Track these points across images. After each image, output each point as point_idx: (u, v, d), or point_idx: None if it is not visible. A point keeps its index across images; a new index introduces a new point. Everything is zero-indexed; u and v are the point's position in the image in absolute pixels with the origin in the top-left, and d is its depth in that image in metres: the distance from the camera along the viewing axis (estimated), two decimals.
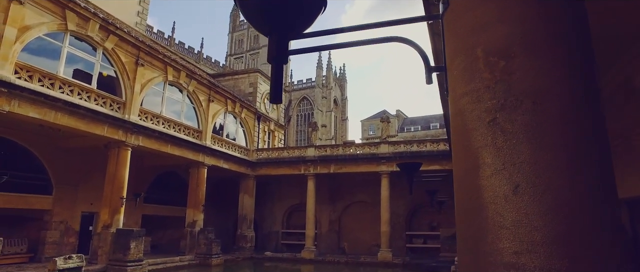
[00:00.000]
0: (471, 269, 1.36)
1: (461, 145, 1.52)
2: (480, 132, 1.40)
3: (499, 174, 1.31)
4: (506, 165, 1.30)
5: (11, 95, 13.41)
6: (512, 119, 1.34)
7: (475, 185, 1.37)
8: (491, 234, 1.29)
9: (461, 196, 1.49)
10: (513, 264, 1.22)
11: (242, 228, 26.20)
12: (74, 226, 20.04)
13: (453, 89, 1.65)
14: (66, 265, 14.06)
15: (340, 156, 25.61)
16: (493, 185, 1.32)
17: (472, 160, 1.42)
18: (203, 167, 22.69)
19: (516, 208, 1.26)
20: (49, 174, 19.06)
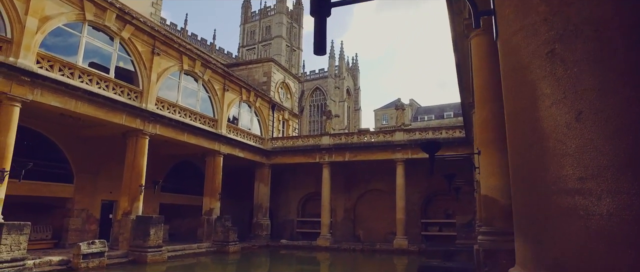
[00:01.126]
0: (529, 202, 1.35)
1: (514, 82, 1.50)
2: (538, 64, 1.38)
3: (560, 103, 1.29)
4: (567, 94, 1.29)
5: (34, 84, 13.68)
6: (573, 48, 1.32)
7: (534, 117, 1.36)
8: (553, 163, 1.27)
9: (516, 132, 1.48)
10: (578, 190, 1.21)
11: (258, 216, 26.44)
12: (95, 214, 20.47)
13: (504, 29, 1.63)
14: (89, 250, 14.41)
15: (355, 144, 25.58)
16: (553, 115, 1.30)
17: (528, 94, 1.40)
18: (219, 156, 22.90)
19: (579, 135, 1.24)
20: (70, 163, 19.46)
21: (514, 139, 1.49)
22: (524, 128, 1.41)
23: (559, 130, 1.28)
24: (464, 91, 14.38)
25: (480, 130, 6.84)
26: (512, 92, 1.52)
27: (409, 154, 23.99)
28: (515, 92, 1.49)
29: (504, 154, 6.70)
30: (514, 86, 1.50)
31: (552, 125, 1.30)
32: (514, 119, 1.49)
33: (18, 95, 13.22)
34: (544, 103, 1.34)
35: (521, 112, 1.43)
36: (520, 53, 1.47)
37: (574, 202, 1.21)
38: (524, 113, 1.41)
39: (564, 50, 1.33)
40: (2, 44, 13.04)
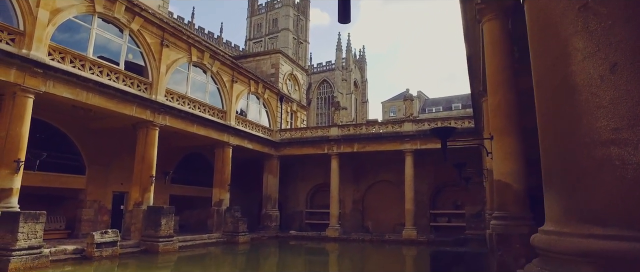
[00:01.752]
0: (561, 156, 1.35)
1: (544, 40, 1.50)
2: (569, 20, 1.38)
3: (593, 56, 1.29)
4: (601, 46, 1.28)
5: (46, 76, 13.82)
6: (606, 1, 1.31)
7: (565, 73, 1.36)
8: (586, 116, 1.28)
9: (546, 90, 1.48)
10: (613, 141, 1.21)
11: (267, 208, 26.60)
12: (107, 205, 20.73)
13: None
14: (103, 239, 14.63)
15: (363, 134, 25.56)
16: (586, 68, 1.30)
17: (559, 50, 1.40)
18: (228, 147, 23.02)
19: (614, 86, 1.24)
20: (82, 154, 19.70)
21: (543, 96, 1.49)
22: (554, 84, 1.41)
23: (593, 83, 1.28)
24: (474, 80, 14.27)
25: (493, 115, 6.81)
26: (540, 50, 1.52)
27: (417, 144, 23.93)
28: (544, 50, 1.49)
29: (517, 139, 6.67)
30: (542, 45, 1.50)
31: (585, 79, 1.30)
32: (543, 77, 1.49)
33: (31, 86, 13.36)
34: (576, 58, 1.34)
35: (551, 69, 1.43)
36: (550, 11, 1.47)
37: (608, 153, 1.21)
38: (555, 70, 1.41)
39: (597, 4, 1.32)
40: (15, 36, 13.17)
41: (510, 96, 6.59)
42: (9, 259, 11.19)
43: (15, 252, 11.35)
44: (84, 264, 13.63)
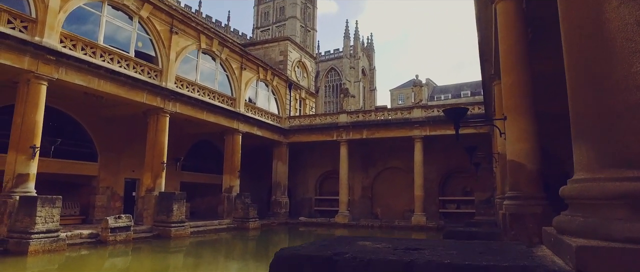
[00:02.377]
0: (592, 103, 1.37)
1: None
2: None
3: (629, 2, 1.30)
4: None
5: (59, 63, 13.95)
6: None
7: (598, 21, 1.36)
8: (621, 61, 1.29)
9: (576, 40, 1.48)
10: None
11: (277, 194, 26.78)
12: (119, 191, 21.04)
13: None
14: (117, 224, 14.88)
15: (372, 121, 25.52)
16: (621, 15, 1.31)
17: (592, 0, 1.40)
18: (237, 134, 23.15)
19: None
20: (94, 142, 19.96)
21: (575, 47, 1.50)
22: (587, 33, 1.41)
23: (628, 28, 1.28)
24: (485, 64, 14.13)
25: (507, 96, 6.76)
26: (570, 2, 1.52)
27: (427, 130, 23.86)
28: (574, 1, 1.49)
29: (531, 119, 6.63)
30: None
31: (619, 26, 1.31)
32: (575, 26, 1.49)
33: (44, 73, 13.51)
34: (610, 5, 1.34)
35: (585, 17, 1.43)
36: None
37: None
38: (588, 18, 1.41)
39: None
40: (27, 23, 13.29)
41: (525, 76, 6.53)
42: (29, 242, 11.46)
43: (34, 235, 11.62)
44: (99, 248, 13.90)
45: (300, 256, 1.46)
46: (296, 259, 1.47)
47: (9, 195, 12.54)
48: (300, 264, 1.43)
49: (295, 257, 1.48)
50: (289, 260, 1.50)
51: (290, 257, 1.50)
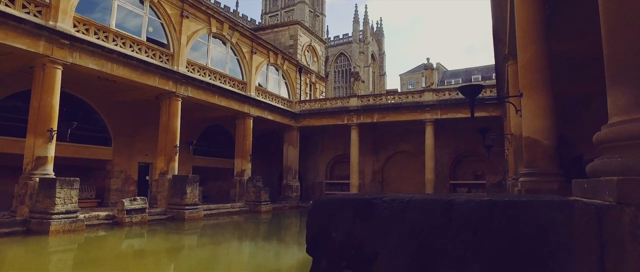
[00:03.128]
0: (630, 47, 1.38)
1: None
2: None
3: None
4: None
5: (73, 47, 14.09)
6: None
7: None
8: None
9: None
10: None
11: (288, 178, 26.97)
12: (133, 175, 21.38)
13: None
14: (132, 206, 15.17)
15: (383, 105, 25.44)
16: None
17: None
18: (249, 118, 23.26)
19: None
20: (108, 127, 20.23)
21: None
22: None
23: None
24: (498, 44, 13.96)
25: (524, 72, 6.70)
26: None
27: (438, 114, 23.74)
28: None
29: (548, 95, 6.57)
30: None
31: None
32: None
33: (59, 58, 13.66)
34: None
35: None
36: None
37: None
38: None
39: None
40: (41, 7, 13.39)
41: (542, 51, 6.46)
42: (50, 222, 11.76)
43: (54, 216, 11.91)
44: (116, 230, 14.21)
45: (339, 200, 1.52)
46: (335, 202, 1.52)
47: (29, 177, 12.84)
48: (340, 206, 1.49)
49: (334, 200, 1.54)
50: (327, 203, 1.56)
51: (329, 201, 1.55)
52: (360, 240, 1.45)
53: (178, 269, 9.40)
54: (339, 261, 1.50)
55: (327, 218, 1.55)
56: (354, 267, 1.48)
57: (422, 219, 1.40)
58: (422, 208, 1.46)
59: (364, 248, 1.45)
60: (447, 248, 1.34)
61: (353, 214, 1.52)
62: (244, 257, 11.01)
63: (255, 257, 10.82)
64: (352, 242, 1.46)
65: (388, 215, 1.47)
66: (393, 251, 1.42)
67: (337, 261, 1.51)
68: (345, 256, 1.50)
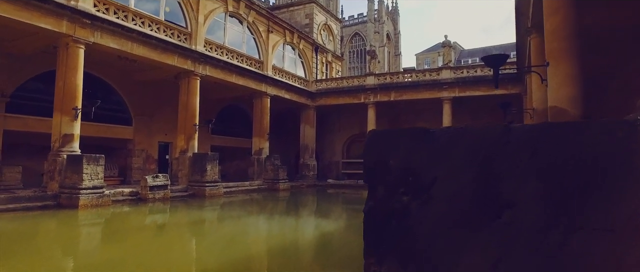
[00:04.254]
0: None
1: None
2: None
3: None
4: None
5: (94, 26, 14.29)
6: None
7: None
8: None
9: None
10: None
11: (305, 157, 27.18)
12: (153, 154, 21.84)
13: None
14: (155, 182, 15.54)
15: (400, 83, 25.25)
16: None
17: None
18: (266, 97, 23.39)
19: None
20: (128, 106, 20.61)
21: None
22: None
23: None
24: (521, 17, 13.67)
25: (551, 39, 6.58)
26: None
27: (456, 92, 23.49)
28: None
29: (575, 63, 6.47)
30: None
31: None
32: None
33: (82, 37, 13.89)
34: None
35: None
36: None
37: None
38: None
39: None
40: None
41: (571, 16, 6.33)
42: (78, 197, 12.17)
43: (82, 191, 12.31)
44: (140, 205, 14.61)
45: (396, 130, 1.58)
46: (392, 132, 1.58)
47: (57, 154, 13.25)
48: (397, 135, 1.55)
49: (391, 131, 1.60)
50: (385, 133, 1.62)
51: (387, 131, 1.61)
52: (418, 167, 1.51)
53: (207, 239, 9.69)
54: (397, 188, 1.57)
55: (384, 147, 1.61)
56: (411, 192, 1.55)
57: (479, 143, 1.45)
58: (479, 133, 1.51)
59: (422, 174, 1.51)
60: (504, 169, 1.39)
61: (410, 142, 1.58)
62: (268, 229, 11.26)
63: (278, 229, 11.05)
64: (410, 168, 1.51)
65: (445, 142, 1.52)
66: (451, 176, 1.47)
67: (395, 187, 1.57)
68: (403, 182, 1.57)
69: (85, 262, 7.16)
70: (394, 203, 1.57)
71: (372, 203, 1.65)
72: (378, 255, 1.58)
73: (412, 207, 1.55)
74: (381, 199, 1.60)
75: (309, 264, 7.33)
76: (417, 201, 1.54)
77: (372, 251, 1.59)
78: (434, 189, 1.52)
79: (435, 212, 1.50)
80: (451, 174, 1.44)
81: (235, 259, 7.29)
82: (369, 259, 1.60)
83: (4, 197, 11.55)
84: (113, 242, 9.05)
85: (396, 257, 1.54)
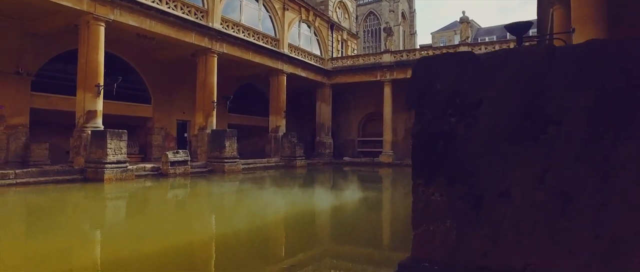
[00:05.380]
0: None
1: None
2: None
3: None
4: None
5: (113, 4, 14.44)
6: None
7: None
8: None
9: None
10: None
11: (321, 135, 27.30)
12: (172, 132, 22.22)
13: None
14: (175, 158, 15.88)
15: (417, 60, 24.89)
16: None
17: None
18: (282, 75, 23.43)
19: None
20: (147, 85, 20.91)
21: None
22: None
23: None
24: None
25: (578, 4, 6.46)
26: None
27: None
28: None
29: (604, 29, 6.34)
30: None
31: None
32: None
33: (102, 15, 14.07)
34: None
35: None
36: None
37: None
38: None
39: None
40: None
41: None
42: (103, 171, 12.55)
43: (107, 165, 12.69)
44: (161, 180, 14.98)
45: (441, 55, 1.65)
46: (438, 56, 1.65)
47: (82, 130, 13.61)
48: (444, 60, 1.62)
49: (437, 56, 1.67)
50: (432, 58, 1.68)
51: (434, 56, 1.68)
52: (464, 89, 1.57)
53: (231, 209, 9.96)
54: (444, 110, 1.63)
55: (431, 72, 1.67)
56: (458, 114, 1.61)
57: (524, 64, 1.50)
58: (524, 54, 1.56)
59: (468, 96, 1.57)
60: (550, 86, 1.45)
61: (457, 66, 1.64)
62: (289, 200, 11.48)
63: (300, 200, 11.26)
64: (457, 91, 1.58)
65: (491, 64, 1.57)
66: (497, 96, 1.53)
67: (442, 110, 1.63)
68: (450, 104, 1.63)
69: (118, 227, 7.48)
70: (441, 125, 1.64)
71: (420, 126, 1.71)
72: (426, 175, 1.65)
73: (458, 128, 1.62)
74: (429, 122, 1.66)
75: (330, 231, 7.50)
76: (463, 122, 1.60)
77: (420, 172, 1.67)
78: (481, 110, 1.58)
79: (482, 132, 1.57)
80: (497, 94, 1.50)
81: (257, 225, 7.52)
82: (417, 180, 1.68)
83: (35, 170, 11.99)
84: (141, 211, 9.39)
85: (443, 176, 1.61)
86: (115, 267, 4.75)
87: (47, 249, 5.51)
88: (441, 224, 1.62)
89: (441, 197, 1.62)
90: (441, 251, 1.58)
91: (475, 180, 1.57)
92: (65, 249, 5.56)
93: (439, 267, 1.57)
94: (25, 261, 5.05)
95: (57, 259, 5.02)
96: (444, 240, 1.58)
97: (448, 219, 1.60)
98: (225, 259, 5.29)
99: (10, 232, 6.74)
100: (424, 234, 1.64)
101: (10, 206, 9.36)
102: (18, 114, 15.73)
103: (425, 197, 1.67)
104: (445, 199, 1.61)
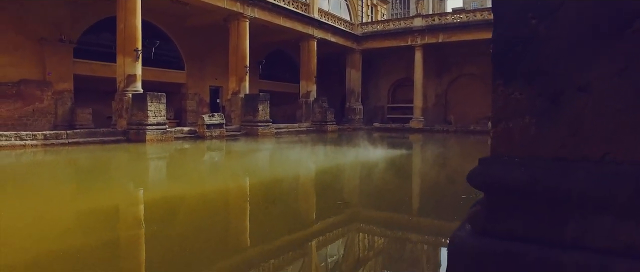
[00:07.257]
0: None
1: None
2: None
3: None
4: None
5: None
6: None
7: None
8: None
9: None
10: None
11: (350, 101, 27.30)
12: (205, 98, 22.72)
13: None
14: (211, 121, 16.34)
15: (449, 24, 24.30)
16: None
17: None
18: (312, 40, 23.34)
19: None
20: (180, 52, 21.31)
21: None
22: None
23: None
24: None
25: None
26: None
27: None
28: None
29: None
30: None
31: None
32: None
33: None
34: None
35: None
36: None
37: None
38: None
39: None
40: None
41: None
42: (145, 132, 13.12)
43: (148, 127, 13.24)
44: (198, 142, 15.48)
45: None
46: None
47: (123, 93, 14.15)
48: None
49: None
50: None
51: None
52: None
53: (272, 162, 10.33)
54: (525, 13, 1.70)
55: None
56: (538, 16, 1.67)
57: None
58: None
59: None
60: None
61: None
62: (327, 154, 11.84)
63: (335, 155, 11.54)
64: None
65: None
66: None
67: (523, 12, 1.69)
68: (531, 6, 1.69)
69: (169, 178, 7.93)
70: (521, 27, 1.71)
71: (500, 30, 1.79)
72: (505, 76, 1.74)
73: (539, 29, 1.69)
74: (509, 24, 1.74)
75: (365, 177, 7.71)
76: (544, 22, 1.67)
77: (499, 73, 1.77)
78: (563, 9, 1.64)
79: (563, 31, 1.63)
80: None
81: (315, 175, 7.84)
82: (497, 81, 1.78)
83: (84, 131, 12.70)
84: (186, 166, 9.85)
85: (523, 75, 1.69)
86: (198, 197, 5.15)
87: (128, 189, 6.00)
88: (520, 120, 1.72)
89: (520, 95, 1.72)
90: (520, 145, 1.68)
91: (555, 77, 1.64)
92: (152, 185, 6.05)
93: (519, 159, 1.68)
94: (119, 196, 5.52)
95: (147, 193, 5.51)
96: (523, 135, 1.68)
97: (527, 115, 1.70)
98: (300, 194, 5.67)
99: (94, 181, 7.29)
100: (503, 130, 1.74)
101: (77, 161, 10.02)
102: (63, 80, 16.45)
103: (504, 97, 1.77)
104: (524, 97, 1.71)
